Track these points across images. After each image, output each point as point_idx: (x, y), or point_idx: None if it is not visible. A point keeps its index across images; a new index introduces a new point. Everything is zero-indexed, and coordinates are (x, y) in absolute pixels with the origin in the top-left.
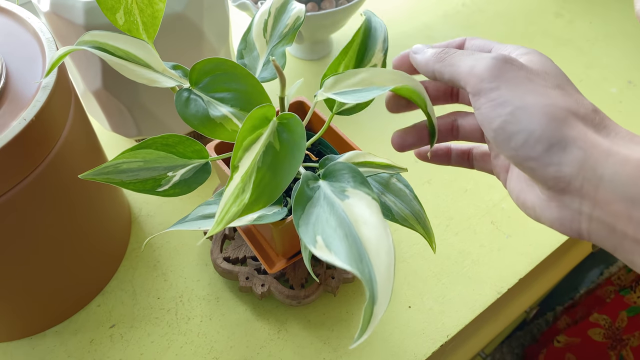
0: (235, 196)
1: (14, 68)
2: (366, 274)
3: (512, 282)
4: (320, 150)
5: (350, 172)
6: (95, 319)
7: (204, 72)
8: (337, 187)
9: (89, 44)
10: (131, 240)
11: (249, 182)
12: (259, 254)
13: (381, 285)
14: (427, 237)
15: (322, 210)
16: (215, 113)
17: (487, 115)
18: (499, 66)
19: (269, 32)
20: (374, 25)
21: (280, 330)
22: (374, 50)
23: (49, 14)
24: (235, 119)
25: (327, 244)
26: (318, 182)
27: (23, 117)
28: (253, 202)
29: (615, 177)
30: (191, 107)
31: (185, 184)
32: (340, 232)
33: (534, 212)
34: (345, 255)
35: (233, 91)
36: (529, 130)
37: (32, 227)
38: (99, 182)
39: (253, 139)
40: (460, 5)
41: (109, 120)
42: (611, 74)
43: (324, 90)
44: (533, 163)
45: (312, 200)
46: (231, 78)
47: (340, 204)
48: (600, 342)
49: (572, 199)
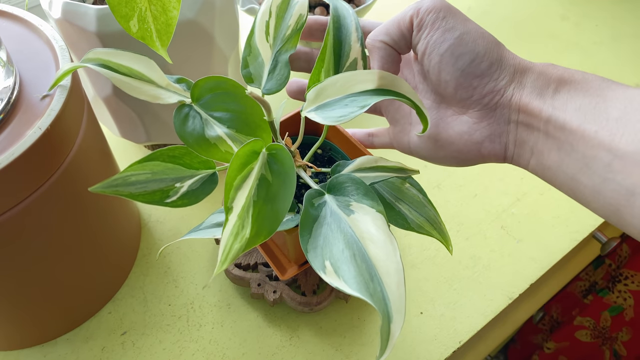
0: (235, 234)
1: (27, 76)
2: (378, 294)
3: (523, 287)
4: (332, 156)
5: (353, 184)
6: (107, 326)
7: (206, 89)
8: (342, 202)
9: (93, 62)
10: (141, 246)
11: (247, 218)
12: (271, 260)
13: (394, 304)
14: (444, 241)
15: (329, 230)
16: (211, 133)
17: (436, 40)
18: (442, 1)
19: (272, 35)
20: (341, 13)
21: (292, 337)
22: (349, 42)
23: (61, 20)
24: (230, 141)
25: (336, 269)
26: (324, 197)
27: (38, 126)
28: (254, 235)
29: (533, 83)
30: (188, 125)
31: (193, 194)
32: (348, 254)
33: (436, 148)
34: (354, 280)
35: (231, 111)
36: (475, 52)
37: (45, 235)
38: None
39: (244, 175)
40: (466, 8)
41: (118, 126)
42: (619, 77)
43: (307, 105)
44: (476, 81)
45: (318, 220)
46: (230, 98)
47: (346, 219)
48: (590, 342)
49: (502, 111)
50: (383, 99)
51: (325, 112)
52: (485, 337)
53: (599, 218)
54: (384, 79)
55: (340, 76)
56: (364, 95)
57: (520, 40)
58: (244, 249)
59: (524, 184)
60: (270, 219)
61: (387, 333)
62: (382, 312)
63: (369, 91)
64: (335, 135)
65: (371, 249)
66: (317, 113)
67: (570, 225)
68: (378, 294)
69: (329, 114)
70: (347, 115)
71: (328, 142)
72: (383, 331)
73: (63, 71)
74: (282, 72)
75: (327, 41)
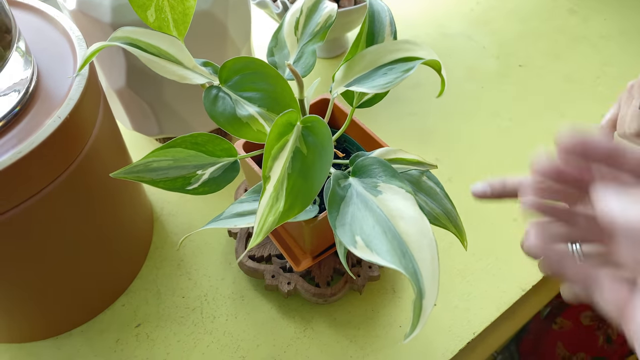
0: (270, 206)
1: (45, 67)
2: (410, 269)
3: (535, 279)
4: (346, 148)
5: (381, 166)
6: (121, 318)
7: (233, 71)
8: (368, 183)
9: (122, 40)
10: (154, 239)
11: (281, 190)
12: (285, 252)
13: (427, 279)
14: (459, 235)
15: (356, 209)
16: (242, 112)
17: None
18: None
19: (300, 31)
20: (377, 9)
21: (307, 329)
22: (382, 35)
23: (75, 12)
24: (262, 119)
25: (367, 243)
26: (348, 179)
27: (58, 115)
28: (288, 209)
29: None
30: (219, 105)
31: (215, 182)
32: (379, 229)
33: None
34: (388, 253)
35: (261, 91)
36: None
37: (61, 226)
38: (128, 180)
39: (280, 147)
40: (474, 3)
41: (130, 119)
42: (628, 71)
43: (337, 84)
44: None
45: (345, 200)
46: (260, 77)
47: (373, 200)
48: (588, 325)
49: None
50: None
51: (367, 83)
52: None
53: None
54: (410, 46)
55: (368, 50)
56: (397, 64)
57: (527, 35)
58: (277, 223)
59: None
60: (303, 192)
61: (419, 309)
62: (415, 287)
63: (400, 59)
64: (351, 128)
65: (401, 225)
66: (359, 86)
67: None
68: (410, 269)
69: (374, 84)
70: (393, 81)
71: (344, 134)
72: (416, 307)
73: (92, 50)
74: (307, 60)
75: (362, 31)
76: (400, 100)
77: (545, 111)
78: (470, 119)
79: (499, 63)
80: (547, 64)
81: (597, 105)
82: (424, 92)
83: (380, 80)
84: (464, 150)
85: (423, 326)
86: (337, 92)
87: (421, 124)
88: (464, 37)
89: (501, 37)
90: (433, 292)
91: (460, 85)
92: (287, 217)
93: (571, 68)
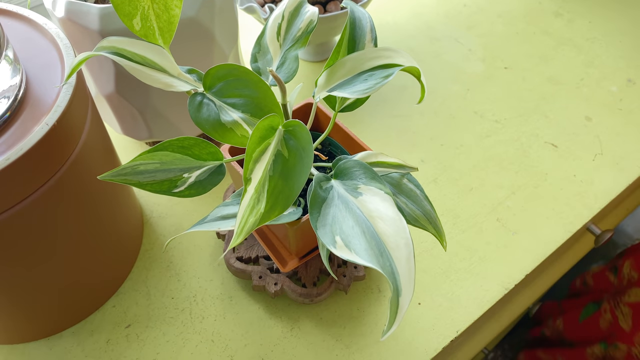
0: (251, 207)
1: (33, 74)
2: (387, 268)
3: (518, 278)
4: (331, 151)
5: (361, 168)
6: (111, 319)
7: (217, 77)
8: (349, 185)
9: (107, 50)
10: (144, 242)
11: (262, 192)
12: (272, 253)
13: (404, 277)
14: (438, 236)
15: (337, 210)
16: (226, 118)
17: None
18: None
19: (283, 36)
20: (357, 16)
21: (293, 328)
22: (363, 42)
23: (64, 19)
24: (245, 125)
25: (346, 243)
26: (330, 182)
27: (45, 122)
28: (269, 210)
29: None
30: (203, 112)
31: (201, 185)
32: (358, 230)
33: None
34: (365, 252)
35: (244, 97)
36: None
37: (50, 231)
38: (116, 183)
39: (262, 150)
40: (461, 5)
41: (120, 124)
42: (611, 73)
43: (319, 89)
44: None
45: (326, 201)
46: (243, 84)
47: (354, 201)
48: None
49: None
50: None
51: (349, 89)
52: (482, 329)
53: (593, 210)
54: (390, 53)
55: (348, 57)
56: (377, 70)
57: (513, 37)
58: (258, 223)
59: (519, 177)
60: (284, 194)
61: (396, 306)
62: (392, 285)
63: (380, 66)
64: (335, 132)
65: (380, 225)
66: (340, 91)
67: (564, 218)
68: (387, 268)
69: (355, 89)
70: (373, 87)
71: (328, 137)
72: (392, 304)
73: (79, 59)
74: (290, 65)
75: (343, 38)
76: (386, 102)
77: (530, 113)
78: (455, 121)
79: (485, 65)
80: (532, 66)
81: (580, 106)
82: (410, 94)
83: (361, 86)
84: (450, 152)
85: (400, 323)
86: (319, 97)
87: (407, 125)
88: (451, 40)
89: (487, 40)
90: (409, 290)
91: (446, 88)
92: (268, 218)
93: (556, 70)
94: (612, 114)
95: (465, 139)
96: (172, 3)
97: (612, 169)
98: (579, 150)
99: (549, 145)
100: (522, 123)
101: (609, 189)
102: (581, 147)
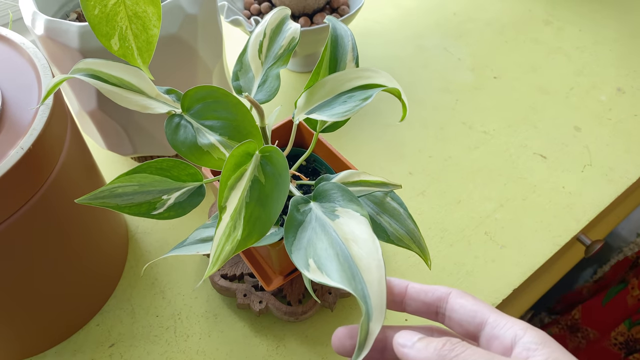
0: (227, 235)
1: (10, 95)
2: (359, 291)
3: (506, 293)
4: (315, 168)
5: (339, 190)
6: (95, 338)
7: (196, 99)
8: (327, 208)
9: (84, 72)
10: (129, 258)
11: (239, 219)
12: (257, 271)
13: (375, 301)
14: (422, 255)
15: (313, 233)
16: (204, 141)
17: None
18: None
19: (264, 54)
20: (340, 34)
21: (279, 347)
22: (345, 61)
23: (43, 37)
24: (223, 148)
25: (319, 265)
26: (309, 204)
27: (20, 146)
28: (246, 237)
29: None
30: (180, 134)
31: (180, 206)
32: (332, 252)
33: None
34: (337, 275)
35: (222, 119)
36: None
37: (31, 252)
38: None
39: (238, 176)
40: (451, 14)
41: (104, 139)
42: (600, 82)
43: (298, 111)
44: None
45: (303, 225)
46: (222, 106)
47: (331, 224)
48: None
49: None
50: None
51: (327, 111)
52: None
53: (581, 223)
54: (370, 74)
55: (328, 78)
56: (357, 91)
57: (502, 46)
58: (235, 251)
59: (507, 190)
60: (261, 221)
61: (365, 331)
62: (363, 309)
63: (360, 87)
64: (320, 148)
65: (354, 248)
66: (319, 113)
67: (553, 230)
68: (359, 291)
69: (333, 112)
70: (352, 109)
71: (313, 154)
72: (362, 329)
73: (55, 82)
74: (272, 84)
75: (323, 57)
76: (374, 114)
77: (519, 123)
78: (444, 132)
79: (474, 75)
80: (522, 75)
81: (570, 116)
82: (398, 105)
83: (340, 108)
84: (438, 163)
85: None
86: (298, 119)
87: (395, 137)
88: (440, 49)
89: (477, 49)
90: (380, 315)
91: (435, 98)
92: (245, 246)
93: (545, 79)
94: (601, 124)
95: (454, 150)
96: (150, 23)
97: (601, 180)
98: (568, 161)
99: (538, 157)
100: (511, 134)
101: (598, 201)
102: (570, 158)
